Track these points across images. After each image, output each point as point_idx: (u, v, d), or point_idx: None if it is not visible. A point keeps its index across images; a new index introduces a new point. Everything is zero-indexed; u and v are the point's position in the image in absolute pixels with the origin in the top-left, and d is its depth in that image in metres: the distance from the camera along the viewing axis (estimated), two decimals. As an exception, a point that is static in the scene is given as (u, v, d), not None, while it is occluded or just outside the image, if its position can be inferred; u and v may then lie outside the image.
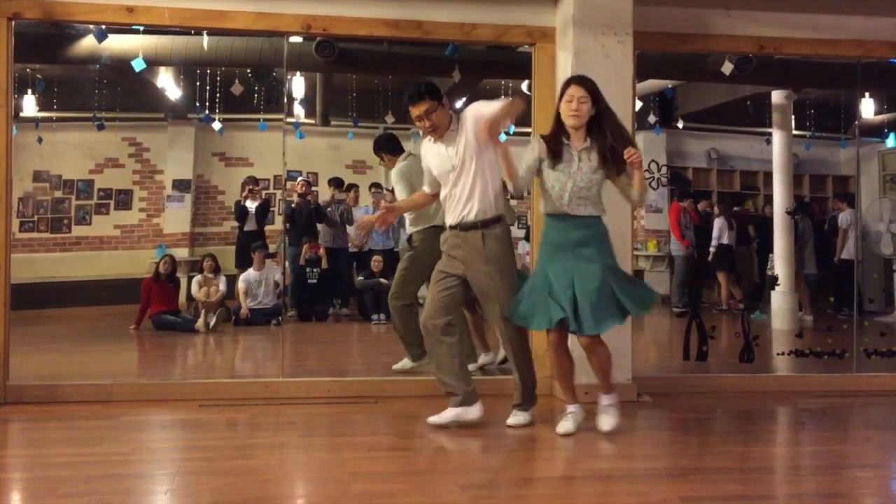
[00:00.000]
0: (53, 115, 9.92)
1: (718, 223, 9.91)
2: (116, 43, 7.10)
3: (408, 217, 5.65)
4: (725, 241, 9.86)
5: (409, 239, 5.80)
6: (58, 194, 10.65)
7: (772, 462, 4.04)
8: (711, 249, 9.88)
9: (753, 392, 5.45)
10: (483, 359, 5.83)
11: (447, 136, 4.31)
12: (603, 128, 4.13)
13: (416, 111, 4.25)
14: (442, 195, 4.37)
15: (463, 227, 4.27)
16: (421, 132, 4.41)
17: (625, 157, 4.00)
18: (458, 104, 10.30)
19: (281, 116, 7.12)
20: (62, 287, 9.92)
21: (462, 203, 4.26)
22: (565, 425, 4.22)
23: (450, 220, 4.33)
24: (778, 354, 6.60)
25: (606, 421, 4.24)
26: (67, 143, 10.55)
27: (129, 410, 4.71)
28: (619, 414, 4.26)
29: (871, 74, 6.67)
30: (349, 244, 9.63)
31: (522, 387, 4.40)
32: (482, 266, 4.24)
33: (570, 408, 4.29)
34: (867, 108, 9.16)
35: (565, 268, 4.09)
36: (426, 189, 4.53)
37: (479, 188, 4.23)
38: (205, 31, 6.43)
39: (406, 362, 5.72)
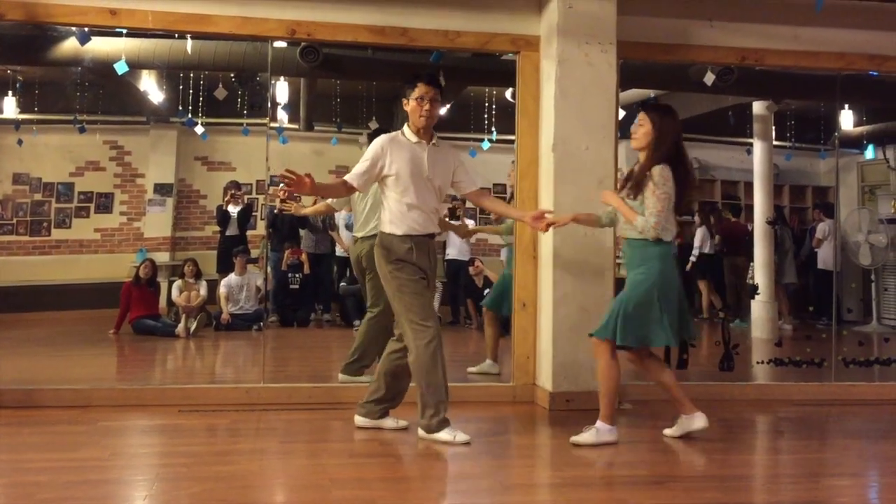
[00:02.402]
0: (34, 117, 9.85)
1: (700, 233, 9.98)
2: (99, 45, 7.07)
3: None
4: (707, 250, 9.93)
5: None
6: (37, 197, 10.57)
7: (751, 470, 4.07)
8: (691, 259, 9.94)
9: (733, 400, 5.48)
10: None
11: (427, 146, 4.30)
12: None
13: (428, 91, 4.24)
14: (404, 200, 4.24)
15: (432, 236, 4.37)
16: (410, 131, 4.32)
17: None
18: (442, 111, 10.35)
19: (264, 121, 7.12)
20: (41, 291, 9.84)
21: (433, 214, 4.34)
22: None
23: (420, 229, 4.28)
24: (757, 363, 6.64)
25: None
26: (48, 145, 10.48)
27: (108, 415, 4.67)
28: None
29: (850, 86, 6.74)
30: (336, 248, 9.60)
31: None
32: (436, 272, 4.47)
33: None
34: (847, 119, 9.26)
35: None
36: (354, 181, 4.25)
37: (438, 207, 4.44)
38: (188, 35, 6.40)
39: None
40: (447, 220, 9.59)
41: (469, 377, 5.98)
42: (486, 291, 8.98)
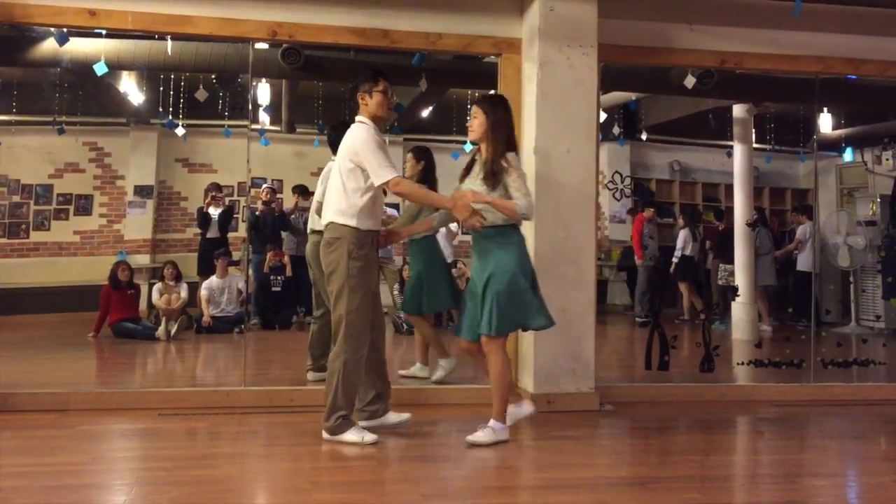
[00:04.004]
0: (12, 118, 9.76)
1: (683, 235, 10.03)
2: (78, 46, 7.01)
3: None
4: (689, 252, 9.98)
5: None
6: (16, 199, 10.47)
7: (731, 470, 4.10)
8: (674, 261, 9.99)
9: (713, 401, 5.51)
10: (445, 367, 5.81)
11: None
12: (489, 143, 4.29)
13: (389, 86, 4.35)
14: (377, 194, 4.27)
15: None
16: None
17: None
18: (425, 113, 10.36)
19: (245, 123, 7.08)
20: (19, 294, 9.74)
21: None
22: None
23: (378, 225, 4.31)
24: (738, 364, 6.69)
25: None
26: (26, 147, 10.39)
27: (87, 419, 4.63)
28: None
29: (829, 90, 6.81)
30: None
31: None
32: None
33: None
34: (825, 122, 9.36)
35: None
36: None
37: None
38: (169, 36, 6.37)
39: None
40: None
41: (403, 380, 5.75)
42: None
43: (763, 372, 6.34)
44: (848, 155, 10.71)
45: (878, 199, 9.87)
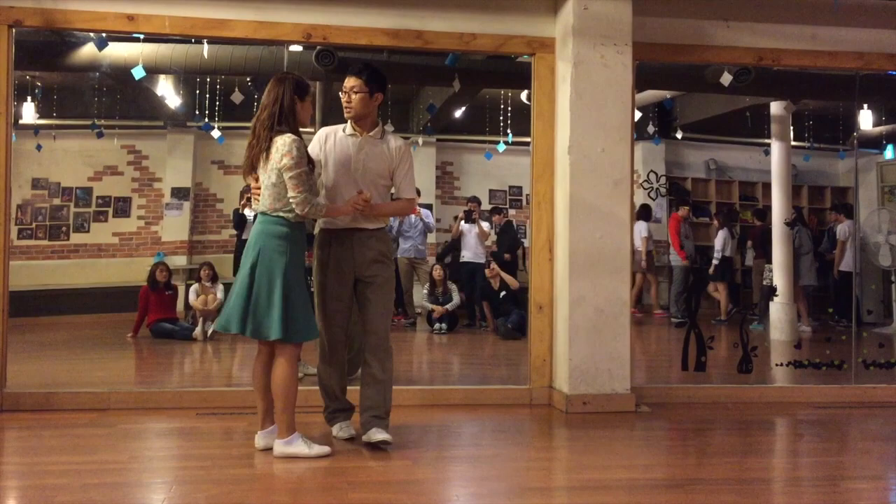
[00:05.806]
0: (53, 122, 9.94)
1: (721, 235, 9.92)
2: (117, 51, 7.12)
3: None
4: (728, 253, 9.87)
5: None
6: (56, 202, 10.65)
7: (770, 473, 4.04)
8: (714, 261, 9.88)
9: (752, 403, 5.44)
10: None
11: (360, 138, 4.36)
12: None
13: (349, 82, 4.37)
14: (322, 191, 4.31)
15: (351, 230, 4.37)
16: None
17: None
18: (458, 113, 10.37)
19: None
20: (60, 294, 9.92)
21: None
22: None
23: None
24: (776, 365, 6.60)
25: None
26: (66, 150, 10.56)
27: (126, 418, 4.70)
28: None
29: (869, 86, 6.69)
30: None
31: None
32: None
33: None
34: (865, 119, 9.18)
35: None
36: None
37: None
38: (205, 40, 6.44)
39: None
40: (463, 221, 9.64)
41: None
42: (503, 294, 8.99)
43: (802, 373, 6.24)
44: (889, 152, 10.50)
45: (921, 197, 9.68)
